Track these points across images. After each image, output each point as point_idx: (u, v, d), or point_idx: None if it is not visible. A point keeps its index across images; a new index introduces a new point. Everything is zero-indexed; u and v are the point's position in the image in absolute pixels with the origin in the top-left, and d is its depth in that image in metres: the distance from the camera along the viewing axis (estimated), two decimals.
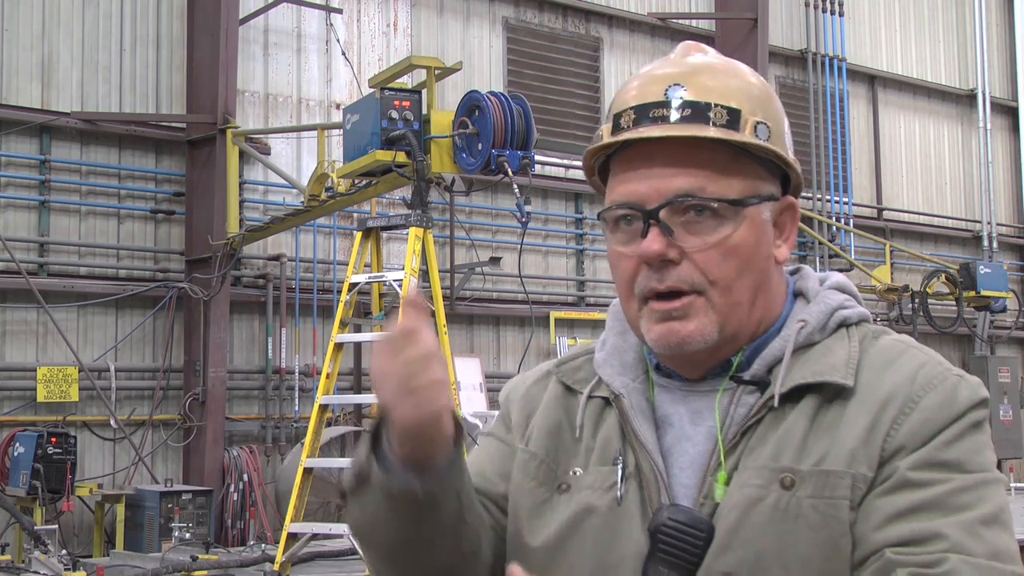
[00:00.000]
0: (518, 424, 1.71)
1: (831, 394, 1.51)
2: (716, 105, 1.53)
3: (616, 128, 1.57)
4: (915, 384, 1.49)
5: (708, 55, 1.62)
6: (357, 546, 7.51)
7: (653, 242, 1.51)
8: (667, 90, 1.54)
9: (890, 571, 1.39)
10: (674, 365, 1.60)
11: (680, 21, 14.55)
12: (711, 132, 1.51)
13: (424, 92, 8.11)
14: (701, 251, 1.51)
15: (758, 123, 1.54)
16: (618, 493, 1.55)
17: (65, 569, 7.46)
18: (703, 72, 1.57)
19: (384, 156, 7.77)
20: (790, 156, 1.60)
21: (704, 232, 1.51)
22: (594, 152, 1.62)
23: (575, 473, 1.61)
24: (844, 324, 1.59)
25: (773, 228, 1.59)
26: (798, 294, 1.64)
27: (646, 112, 1.54)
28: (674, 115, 1.53)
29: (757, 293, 1.56)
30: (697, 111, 1.52)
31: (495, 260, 12.26)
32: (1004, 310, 15.74)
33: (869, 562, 1.42)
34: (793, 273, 1.68)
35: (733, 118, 1.53)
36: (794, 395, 1.52)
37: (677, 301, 1.52)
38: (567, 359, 1.73)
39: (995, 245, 17.41)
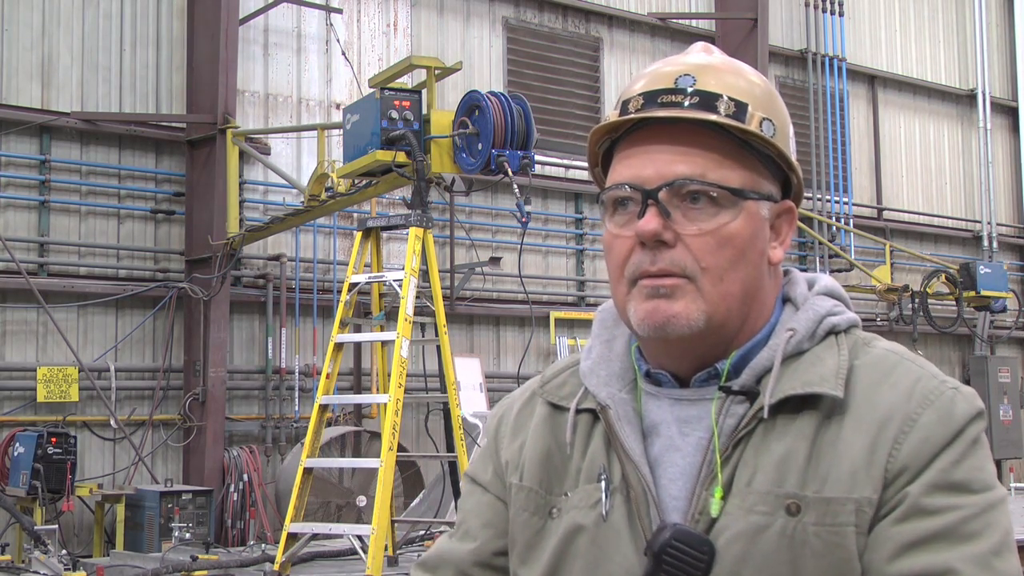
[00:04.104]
0: (510, 460, 1.68)
1: (827, 410, 1.49)
2: (725, 96, 1.54)
3: (624, 112, 1.58)
4: (912, 401, 1.48)
5: (715, 56, 1.64)
6: (357, 546, 7.51)
7: (649, 221, 1.51)
8: (677, 79, 1.56)
9: None
10: (660, 355, 1.58)
11: (680, 21, 14.55)
12: (717, 117, 1.52)
13: (424, 92, 8.10)
14: (696, 236, 1.51)
15: (764, 119, 1.55)
16: (603, 510, 1.54)
17: (65, 569, 7.46)
18: (713, 67, 1.58)
19: (384, 156, 7.76)
20: (793, 158, 1.60)
21: (701, 219, 1.52)
22: (599, 135, 1.63)
23: (566, 495, 1.60)
24: (833, 331, 1.57)
25: (770, 230, 1.58)
26: (786, 300, 1.63)
27: (655, 98, 1.55)
28: (682, 101, 1.54)
29: (748, 288, 1.55)
30: (706, 99, 1.53)
31: (495, 260, 12.26)
32: (1004, 310, 15.74)
33: None
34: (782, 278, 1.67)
35: (740, 110, 1.54)
36: (786, 408, 1.50)
37: (667, 279, 1.51)
38: (551, 376, 1.71)
39: (995, 245, 17.41)
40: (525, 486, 1.64)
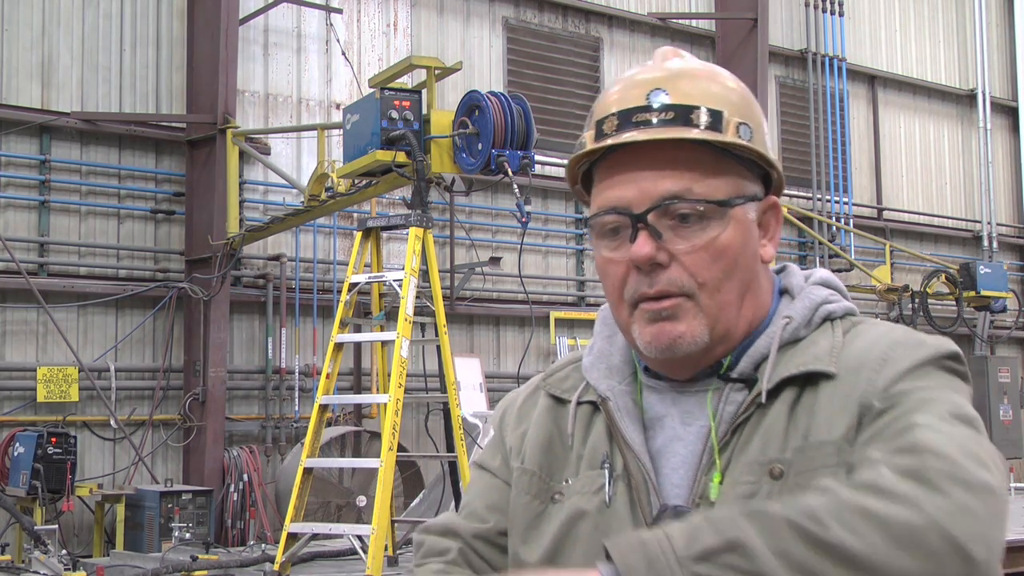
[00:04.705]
0: (514, 446, 1.71)
1: (815, 382, 1.52)
2: (699, 107, 1.53)
3: (599, 135, 1.57)
4: (883, 346, 1.51)
5: (686, 60, 1.63)
6: (357, 546, 7.51)
7: (643, 246, 1.51)
8: (649, 94, 1.55)
9: (867, 459, 1.38)
10: (665, 368, 1.60)
11: (680, 21, 14.55)
12: (695, 133, 1.52)
13: (424, 92, 8.11)
14: (690, 253, 1.52)
15: (740, 124, 1.55)
16: (606, 496, 1.56)
17: (65, 569, 7.46)
18: (683, 77, 1.57)
19: (384, 156, 7.77)
20: (772, 156, 1.60)
21: (692, 235, 1.52)
22: (578, 160, 1.62)
23: (567, 482, 1.62)
24: (829, 318, 1.59)
25: (758, 228, 1.59)
26: (784, 291, 1.65)
27: (629, 117, 1.54)
28: (657, 119, 1.53)
29: (745, 293, 1.56)
30: (680, 114, 1.53)
31: (495, 260, 12.26)
32: (1004, 310, 15.74)
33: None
34: (779, 272, 1.69)
35: (716, 120, 1.53)
36: (782, 391, 1.53)
37: (666, 301, 1.52)
38: (554, 370, 1.75)
39: (995, 245, 17.41)
40: (528, 469, 1.66)
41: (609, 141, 1.55)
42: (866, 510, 1.25)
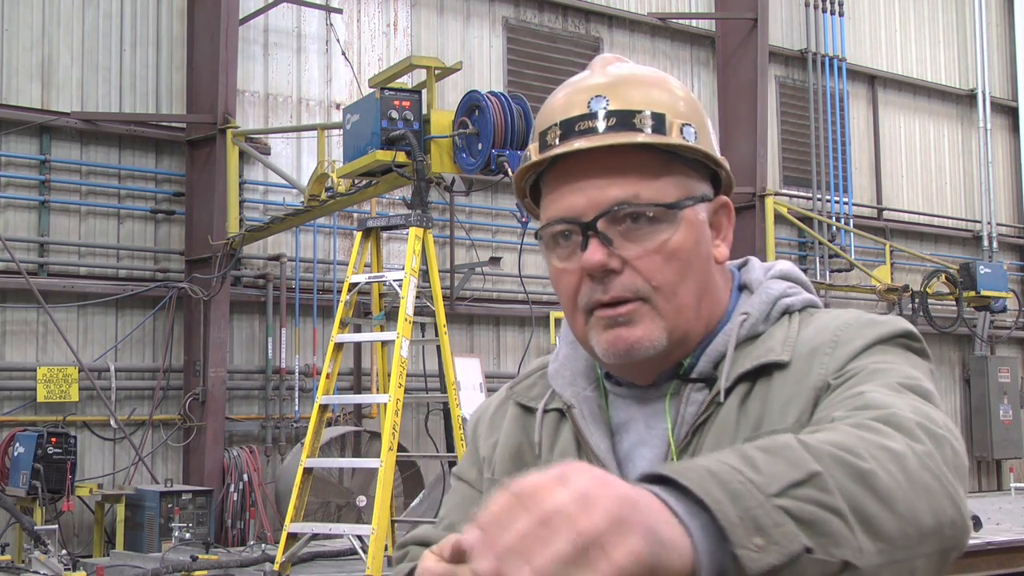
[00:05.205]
0: (486, 455, 1.71)
1: (767, 371, 1.51)
2: (641, 112, 1.53)
3: (543, 146, 1.56)
4: (833, 328, 1.51)
5: (627, 64, 1.62)
6: (357, 547, 7.51)
7: (594, 253, 1.50)
8: (590, 102, 1.54)
9: (826, 419, 1.34)
10: (625, 373, 1.59)
11: (680, 21, 14.56)
12: (640, 138, 1.51)
13: (424, 92, 8.11)
14: (642, 258, 1.50)
15: (684, 125, 1.54)
16: None
17: (65, 569, 7.46)
18: (624, 82, 1.57)
19: (384, 156, 7.78)
20: (718, 155, 1.59)
21: (643, 239, 1.51)
22: (524, 173, 1.61)
23: None
24: (788, 311, 1.58)
25: (710, 229, 1.58)
26: (743, 287, 1.64)
27: (571, 126, 1.54)
28: (600, 126, 1.52)
29: (702, 294, 1.55)
30: (623, 119, 1.52)
31: (495, 260, 12.26)
32: (1004, 310, 15.74)
33: None
34: (741, 266, 1.68)
35: (659, 123, 1.52)
36: (741, 388, 1.52)
37: (622, 307, 1.51)
38: (521, 379, 1.74)
39: (995, 245, 17.41)
40: (497, 480, 1.66)
41: (552, 152, 1.54)
42: (881, 444, 1.18)
